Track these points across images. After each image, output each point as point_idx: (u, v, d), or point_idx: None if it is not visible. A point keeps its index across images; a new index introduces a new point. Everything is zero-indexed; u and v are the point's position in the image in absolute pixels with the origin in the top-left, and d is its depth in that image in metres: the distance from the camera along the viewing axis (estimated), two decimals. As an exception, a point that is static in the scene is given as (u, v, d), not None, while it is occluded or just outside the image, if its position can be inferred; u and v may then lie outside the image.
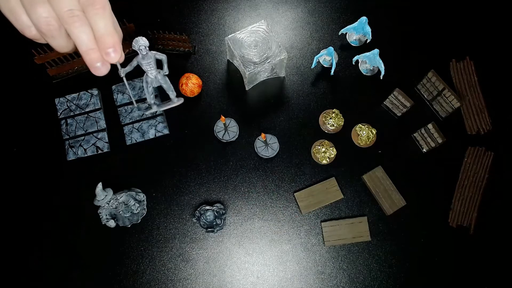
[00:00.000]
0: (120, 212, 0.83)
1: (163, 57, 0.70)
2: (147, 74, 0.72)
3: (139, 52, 0.67)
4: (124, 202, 0.83)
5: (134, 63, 0.69)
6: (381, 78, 0.91)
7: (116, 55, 0.42)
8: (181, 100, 0.75)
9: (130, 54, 0.95)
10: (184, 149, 0.90)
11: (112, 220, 0.81)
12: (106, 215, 0.82)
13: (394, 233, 0.85)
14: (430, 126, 0.84)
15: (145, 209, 0.85)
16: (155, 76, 0.72)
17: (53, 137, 0.91)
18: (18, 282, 0.83)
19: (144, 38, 0.67)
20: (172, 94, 0.75)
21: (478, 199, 0.86)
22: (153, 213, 0.87)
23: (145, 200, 0.85)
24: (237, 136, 0.90)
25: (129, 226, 0.84)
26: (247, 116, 0.92)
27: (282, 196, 0.88)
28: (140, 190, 0.86)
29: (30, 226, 0.86)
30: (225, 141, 0.89)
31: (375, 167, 0.88)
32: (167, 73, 0.72)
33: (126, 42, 0.91)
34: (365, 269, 0.84)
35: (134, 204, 0.83)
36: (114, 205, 0.82)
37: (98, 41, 0.41)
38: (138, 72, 0.94)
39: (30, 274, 0.83)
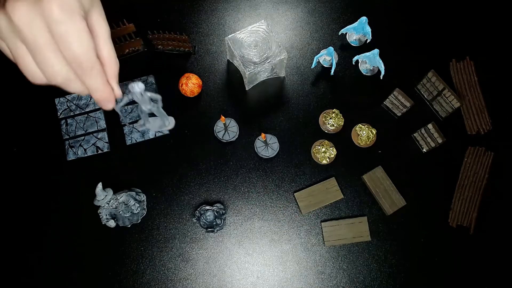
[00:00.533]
0: (120, 212, 0.83)
1: (158, 97, 0.69)
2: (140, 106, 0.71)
3: (133, 97, 0.66)
4: (124, 202, 0.83)
5: (129, 97, 0.67)
6: (381, 78, 0.91)
7: (110, 105, 0.45)
8: (172, 124, 0.74)
9: (130, 54, 0.95)
10: (184, 149, 0.90)
11: (112, 220, 0.81)
12: (106, 215, 0.82)
13: (394, 233, 0.85)
14: (430, 126, 0.84)
15: (145, 209, 0.85)
16: (149, 109, 0.72)
17: (53, 137, 0.91)
18: (18, 282, 0.83)
19: (140, 84, 0.64)
20: (166, 121, 0.74)
21: (478, 199, 0.86)
22: (153, 213, 0.87)
23: (145, 200, 0.85)
24: (237, 136, 0.90)
25: (129, 226, 0.84)
26: (247, 116, 0.92)
27: (282, 196, 0.88)
28: (140, 190, 0.86)
29: (30, 226, 0.86)
30: (225, 141, 0.89)
31: (375, 167, 0.88)
32: (161, 106, 0.72)
33: (126, 42, 0.91)
34: (365, 269, 0.84)
35: (134, 204, 0.83)
36: (114, 205, 0.82)
37: (91, 94, 0.43)
38: (139, 73, 0.94)
39: (30, 274, 0.83)
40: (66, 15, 0.38)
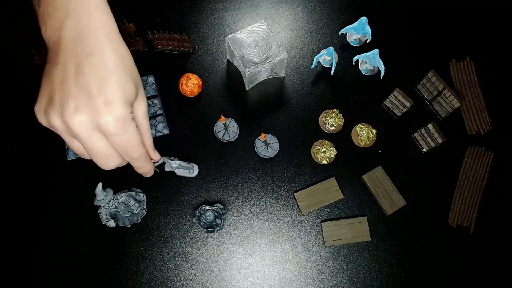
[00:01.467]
0: (120, 212, 0.83)
1: (190, 166, 0.79)
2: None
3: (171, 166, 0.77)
4: (124, 202, 0.83)
5: (164, 161, 0.77)
6: (381, 78, 0.91)
7: (150, 174, 0.54)
8: (196, 172, 0.83)
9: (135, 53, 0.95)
10: (184, 149, 0.90)
11: (112, 220, 0.81)
12: (106, 215, 0.82)
13: (394, 233, 0.85)
14: (430, 126, 0.84)
15: (145, 209, 0.85)
16: (181, 170, 0.82)
17: (53, 137, 0.91)
18: (18, 282, 0.83)
19: (177, 161, 0.76)
20: (191, 169, 0.83)
21: (478, 199, 0.86)
22: (153, 213, 0.87)
23: (145, 200, 0.85)
24: (237, 136, 0.90)
25: (129, 226, 0.84)
26: (247, 116, 0.92)
27: (282, 196, 0.88)
28: (140, 190, 0.86)
29: (29, 226, 0.86)
30: (225, 141, 0.89)
31: (375, 167, 0.88)
32: (196, 172, 0.81)
33: (126, 42, 0.91)
34: (365, 269, 0.84)
35: (134, 204, 0.83)
36: (114, 205, 0.82)
37: (137, 170, 0.52)
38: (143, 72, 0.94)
39: (30, 274, 0.83)
40: (121, 127, 0.42)
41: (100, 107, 0.41)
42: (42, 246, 0.85)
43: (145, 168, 0.52)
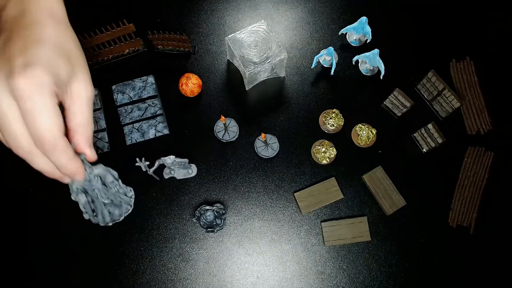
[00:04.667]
0: (95, 191, 0.62)
1: (185, 160, 0.81)
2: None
3: (165, 164, 0.79)
4: (99, 175, 0.63)
5: (160, 162, 0.78)
6: (381, 78, 0.91)
7: (80, 178, 0.46)
8: (195, 172, 0.87)
9: (130, 54, 0.95)
10: (184, 149, 0.90)
11: (84, 195, 0.61)
12: (77, 188, 0.59)
13: (394, 233, 0.85)
14: (430, 126, 0.84)
15: (131, 205, 0.74)
16: (178, 168, 0.84)
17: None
18: (17, 282, 0.83)
19: (171, 157, 0.77)
20: (189, 169, 0.86)
21: (478, 199, 0.86)
22: (153, 213, 0.87)
23: (133, 196, 0.73)
24: (237, 136, 0.90)
25: (111, 224, 0.70)
26: (247, 116, 0.92)
27: (282, 196, 0.88)
28: (131, 188, 0.75)
29: (29, 226, 0.86)
30: (225, 141, 0.90)
31: (375, 167, 0.88)
32: (187, 162, 0.82)
33: (126, 42, 0.91)
34: (365, 269, 0.84)
35: (112, 182, 0.64)
36: (87, 177, 0.59)
37: (59, 169, 0.42)
38: (139, 73, 0.94)
39: (29, 275, 0.83)
40: (34, 92, 0.38)
41: (17, 66, 0.37)
42: (42, 246, 0.85)
43: (66, 168, 0.42)
